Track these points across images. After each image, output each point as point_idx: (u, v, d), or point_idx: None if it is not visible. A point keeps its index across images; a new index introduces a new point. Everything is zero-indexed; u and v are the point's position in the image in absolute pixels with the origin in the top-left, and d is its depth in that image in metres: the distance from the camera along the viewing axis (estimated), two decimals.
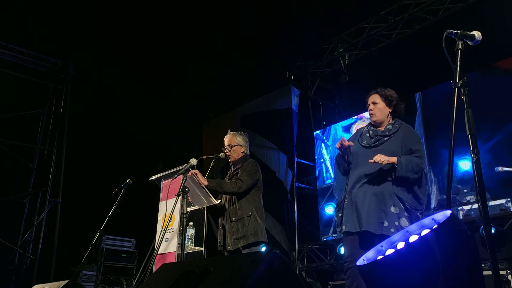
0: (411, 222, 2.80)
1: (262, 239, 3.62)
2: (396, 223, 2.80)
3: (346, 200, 3.03)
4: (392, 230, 2.76)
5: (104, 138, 7.89)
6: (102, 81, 7.71)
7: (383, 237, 2.74)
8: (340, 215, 3.07)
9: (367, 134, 3.13)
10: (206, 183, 3.51)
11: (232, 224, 3.63)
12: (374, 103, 3.14)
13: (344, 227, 2.98)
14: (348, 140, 3.15)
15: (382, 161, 2.83)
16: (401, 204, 2.85)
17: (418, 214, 2.89)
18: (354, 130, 7.14)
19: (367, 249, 2.83)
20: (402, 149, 2.97)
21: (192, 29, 7.12)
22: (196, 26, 7.05)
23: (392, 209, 2.83)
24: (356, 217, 2.92)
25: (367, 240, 2.85)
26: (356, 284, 2.84)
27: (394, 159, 2.85)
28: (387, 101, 3.13)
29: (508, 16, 5.58)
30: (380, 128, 3.13)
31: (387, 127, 3.09)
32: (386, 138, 3.03)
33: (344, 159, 3.13)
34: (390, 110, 3.13)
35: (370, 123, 3.23)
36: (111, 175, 6.04)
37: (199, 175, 3.49)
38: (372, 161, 2.84)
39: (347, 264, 2.96)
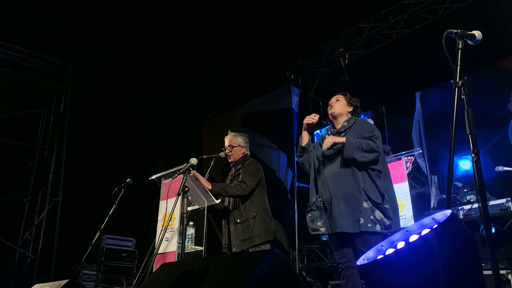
0: (384, 214, 2.90)
1: (269, 239, 3.61)
2: (372, 217, 2.86)
3: (321, 202, 3.06)
4: (369, 225, 2.84)
5: (104, 138, 7.89)
6: (102, 80, 7.70)
7: (362, 234, 2.79)
8: (311, 216, 3.11)
9: (327, 136, 3.22)
10: (210, 187, 3.51)
11: (237, 226, 3.61)
12: (337, 100, 3.31)
13: (323, 229, 3.03)
14: (314, 145, 3.30)
15: (333, 142, 2.96)
16: (369, 200, 2.91)
17: (385, 206, 2.95)
18: None
19: (352, 247, 2.90)
20: None
21: (192, 29, 7.12)
22: (196, 25, 7.05)
23: (365, 204, 2.89)
24: (332, 219, 2.95)
25: (349, 239, 2.92)
26: (351, 284, 2.87)
27: (343, 139, 2.98)
28: (350, 101, 3.30)
29: (508, 15, 5.57)
30: (337, 126, 3.25)
31: (343, 124, 3.21)
32: (342, 135, 3.12)
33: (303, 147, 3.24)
34: (350, 110, 3.28)
35: (331, 126, 3.35)
36: (111, 174, 6.04)
37: (202, 179, 3.49)
38: (325, 148, 3.00)
39: (340, 265, 3.00)
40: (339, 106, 3.26)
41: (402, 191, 5.28)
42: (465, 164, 5.71)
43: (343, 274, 2.96)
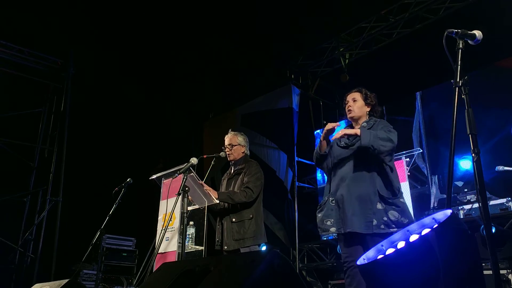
0: (399, 210, 2.87)
1: (261, 242, 3.64)
2: (385, 218, 2.84)
3: (333, 202, 3.05)
4: (382, 227, 2.81)
5: (104, 137, 7.89)
6: (103, 80, 7.71)
7: (374, 235, 2.77)
8: (322, 215, 3.09)
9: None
10: (216, 195, 3.52)
11: (232, 225, 3.63)
12: (354, 100, 3.23)
13: (333, 229, 3.01)
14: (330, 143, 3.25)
15: (344, 133, 2.96)
16: (383, 201, 2.89)
17: (401, 200, 2.93)
18: None
19: (362, 247, 2.88)
20: None
21: (192, 29, 7.12)
22: (197, 25, 7.05)
23: (379, 205, 2.88)
24: (344, 218, 2.94)
25: (360, 239, 2.90)
26: (356, 283, 2.86)
27: (356, 130, 2.95)
28: (367, 100, 3.22)
29: (508, 15, 5.57)
30: (356, 127, 3.20)
31: (362, 124, 3.16)
32: None
33: (324, 150, 3.19)
34: (368, 109, 3.21)
35: (348, 125, 3.31)
36: (112, 174, 6.04)
37: (209, 189, 3.51)
38: (334, 138, 2.99)
39: (346, 264, 2.98)
40: (358, 108, 3.19)
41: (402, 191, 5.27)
42: (465, 164, 5.71)
43: (348, 273, 2.94)
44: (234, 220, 3.63)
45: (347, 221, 2.89)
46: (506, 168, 4.86)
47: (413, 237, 1.75)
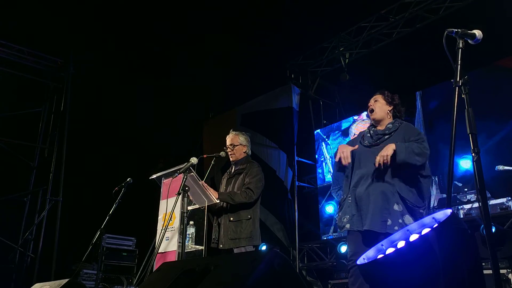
0: (415, 219, 2.82)
1: (255, 243, 3.63)
2: (400, 220, 2.81)
3: (350, 198, 3.04)
4: (396, 228, 2.77)
5: (104, 137, 7.89)
6: (103, 79, 7.71)
7: (387, 235, 2.74)
8: (341, 213, 3.08)
9: (368, 134, 3.17)
10: (217, 195, 3.52)
11: (230, 224, 3.63)
12: (375, 100, 3.21)
13: (348, 225, 2.99)
14: (348, 142, 3.20)
15: (385, 159, 2.82)
16: (403, 202, 2.86)
17: (421, 210, 2.90)
18: (353, 131, 7.16)
19: (371, 247, 2.86)
20: None
21: (192, 28, 7.12)
22: (197, 25, 7.05)
23: (396, 207, 2.85)
24: (359, 216, 2.93)
25: (371, 238, 2.85)
26: (359, 283, 2.85)
27: (392, 146, 2.85)
28: (388, 100, 3.18)
29: (509, 14, 5.57)
30: (380, 128, 3.17)
31: (388, 126, 3.12)
32: (386, 137, 3.06)
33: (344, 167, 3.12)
34: (390, 108, 3.18)
35: (371, 124, 3.26)
36: (112, 174, 6.04)
37: (209, 189, 3.51)
38: (377, 165, 2.85)
39: (351, 263, 2.96)
40: (379, 108, 3.15)
41: None
42: (465, 164, 5.71)
43: (352, 272, 2.93)
44: (231, 219, 3.63)
45: (364, 219, 2.87)
46: (506, 167, 4.86)
47: (413, 237, 1.75)
